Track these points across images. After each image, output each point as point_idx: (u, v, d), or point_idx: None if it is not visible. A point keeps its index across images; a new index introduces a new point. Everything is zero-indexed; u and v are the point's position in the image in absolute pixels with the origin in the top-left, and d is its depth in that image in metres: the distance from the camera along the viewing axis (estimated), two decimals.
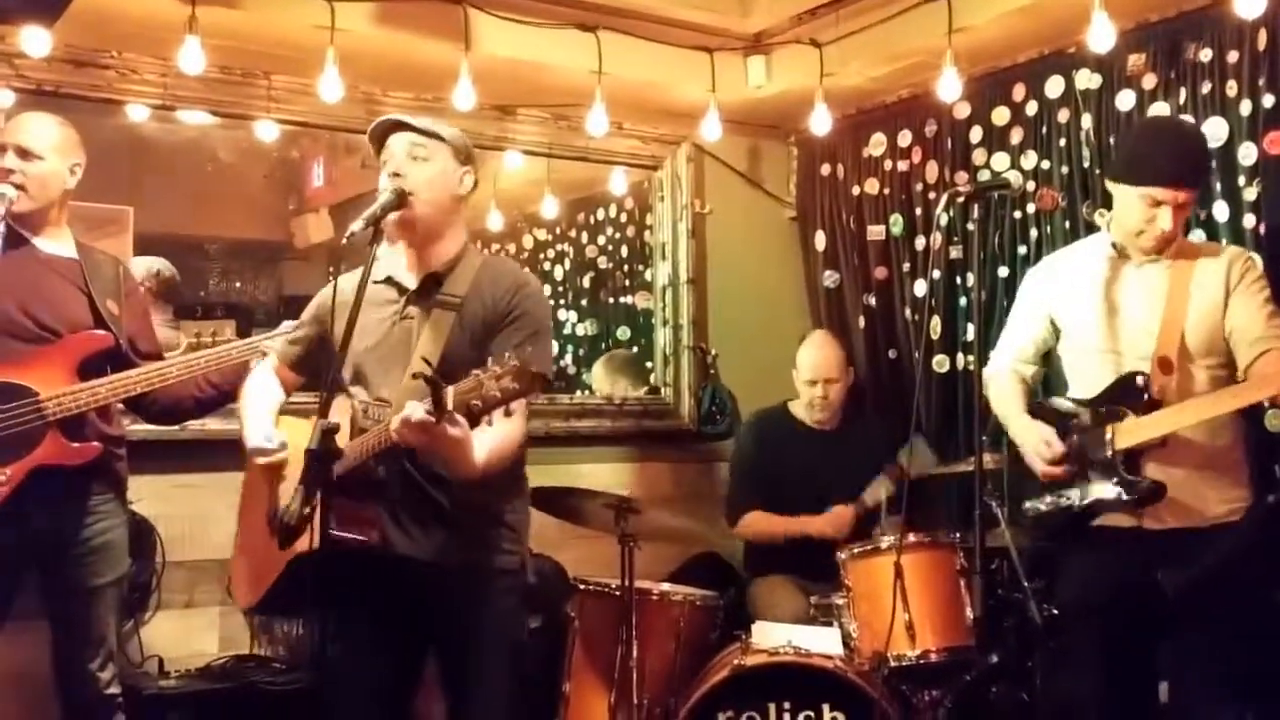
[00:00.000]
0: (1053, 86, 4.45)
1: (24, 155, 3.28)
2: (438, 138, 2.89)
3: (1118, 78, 4.24)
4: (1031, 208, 4.55)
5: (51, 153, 3.32)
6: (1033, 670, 3.65)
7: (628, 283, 5.93)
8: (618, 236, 6.00)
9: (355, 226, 2.69)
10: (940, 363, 4.90)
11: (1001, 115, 4.67)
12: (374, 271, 2.96)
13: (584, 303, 6.13)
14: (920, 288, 5.00)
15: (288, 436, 2.93)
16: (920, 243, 5.04)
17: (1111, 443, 3.23)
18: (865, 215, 5.27)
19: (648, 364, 5.57)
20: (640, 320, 5.74)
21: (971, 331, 4.52)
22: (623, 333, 5.91)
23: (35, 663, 3.47)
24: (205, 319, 5.24)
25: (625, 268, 5.96)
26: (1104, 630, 3.30)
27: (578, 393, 5.49)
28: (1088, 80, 4.33)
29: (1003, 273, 4.63)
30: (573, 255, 6.24)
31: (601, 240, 6.09)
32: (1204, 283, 3.28)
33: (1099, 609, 3.30)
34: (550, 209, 5.79)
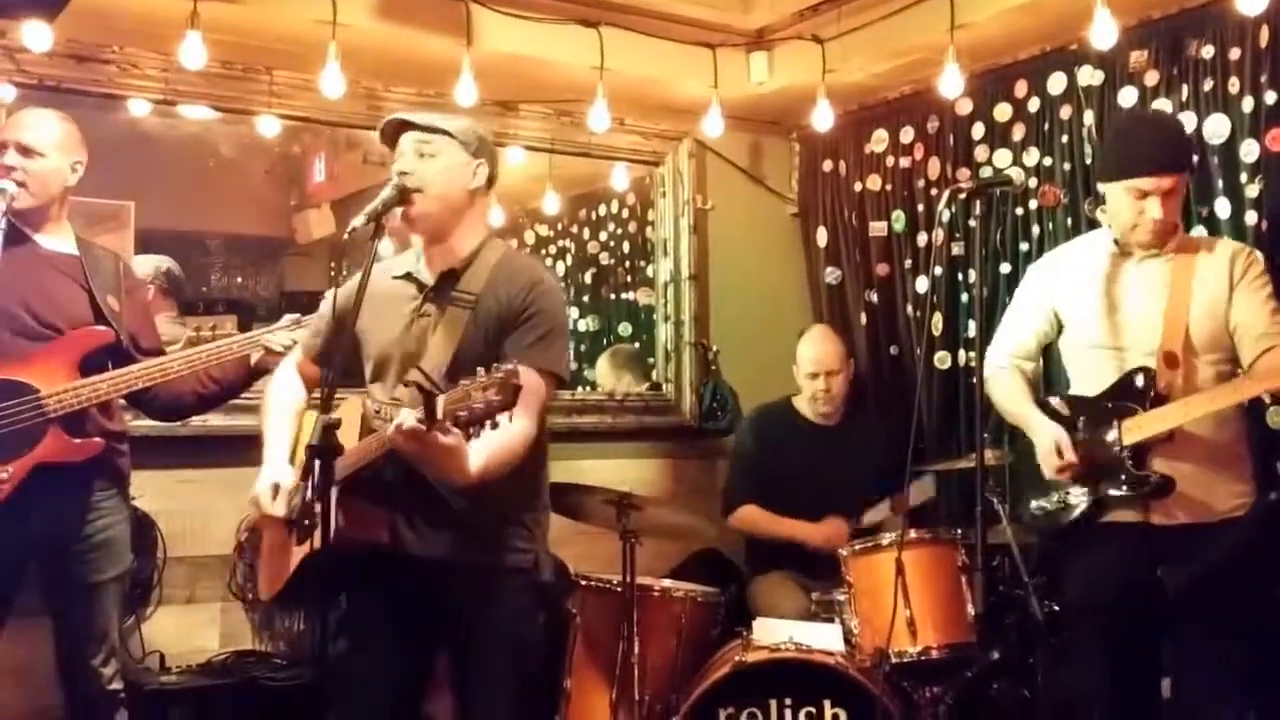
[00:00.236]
0: (1055, 83, 4.45)
1: (25, 152, 3.27)
2: (443, 133, 2.87)
3: (1120, 74, 4.24)
4: (1033, 204, 4.55)
5: (53, 150, 3.31)
6: (1034, 667, 3.65)
7: (629, 279, 5.92)
8: (619, 232, 6.00)
9: (357, 222, 2.69)
10: (942, 359, 4.90)
11: (1004, 112, 4.67)
12: (395, 267, 2.98)
13: (585, 299, 6.12)
14: (922, 284, 4.99)
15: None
16: (922, 239, 5.03)
17: (1119, 438, 3.23)
18: (867, 211, 5.27)
19: (650, 360, 5.58)
20: (642, 316, 5.74)
21: (973, 328, 4.52)
22: (624, 329, 5.90)
23: (38, 658, 3.47)
24: (206, 314, 5.24)
25: (627, 264, 5.96)
26: (1109, 627, 3.31)
27: (579, 389, 5.49)
28: (1090, 77, 4.33)
29: (1004, 269, 4.63)
30: (574, 251, 6.23)
31: (603, 236, 6.08)
32: (1206, 277, 3.28)
33: (1104, 605, 3.30)
34: (552, 205, 5.77)
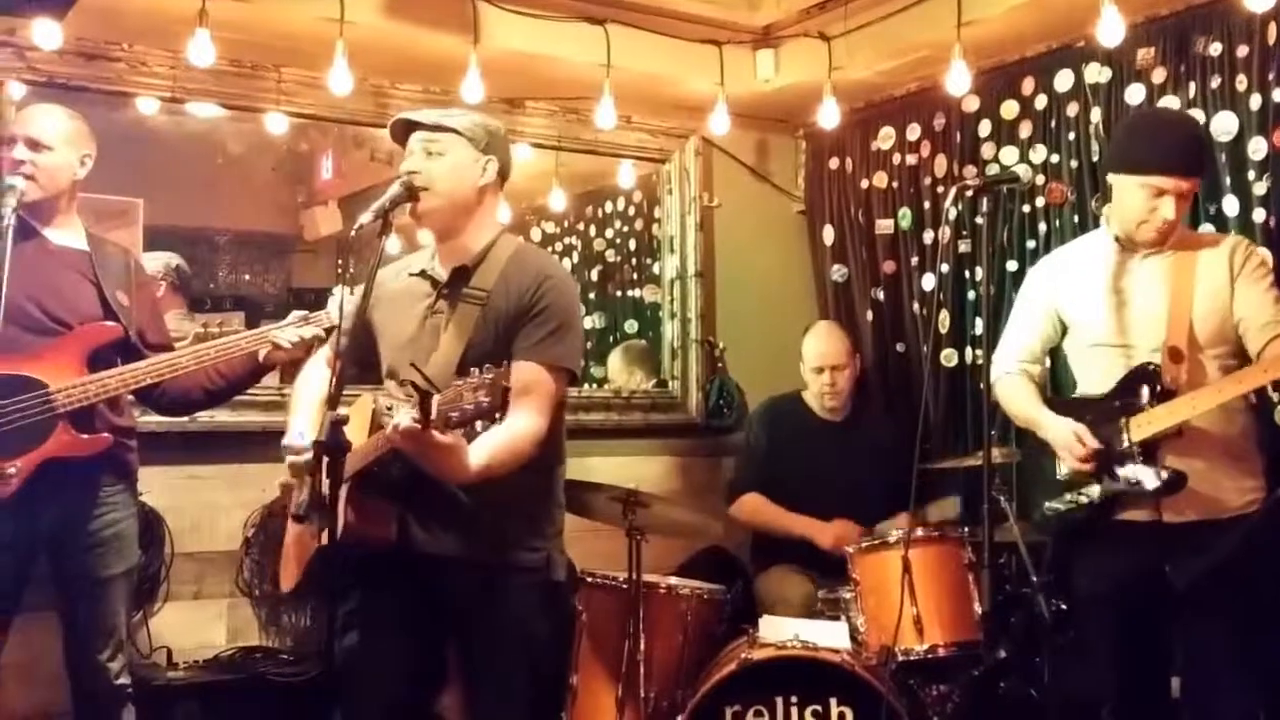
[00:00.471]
0: (1062, 80, 4.44)
1: (34, 146, 3.28)
2: (450, 131, 2.88)
3: (1127, 71, 4.24)
4: (1040, 202, 4.54)
5: (61, 143, 3.32)
6: (1041, 665, 3.65)
7: (636, 276, 5.92)
8: (626, 230, 6.00)
9: (364, 219, 2.70)
10: (948, 357, 4.89)
11: (1010, 109, 4.66)
12: (411, 264, 2.99)
13: (592, 296, 6.11)
14: (929, 282, 4.99)
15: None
16: (929, 237, 5.03)
17: (1128, 435, 3.23)
18: (874, 209, 5.26)
19: (658, 357, 5.57)
20: (648, 313, 5.73)
21: (980, 325, 4.51)
22: (630, 326, 5.90)
23: (46, 653, 3.48)
24: (214, 311, 5.26)
25: (633, 261, 5.96)
26: (1118, 624, 3.31)
27: (585, 386, 5.49)
28: (1097, 74, 4.32)
29: (1011, 267, 4.62)
30: (581, 248, 6.23)
31: (610, 233, 6.08)
32: (1208, 273, 3.27)
33: (1115, 603, 3.30)
34: (558, 202, 5.78)
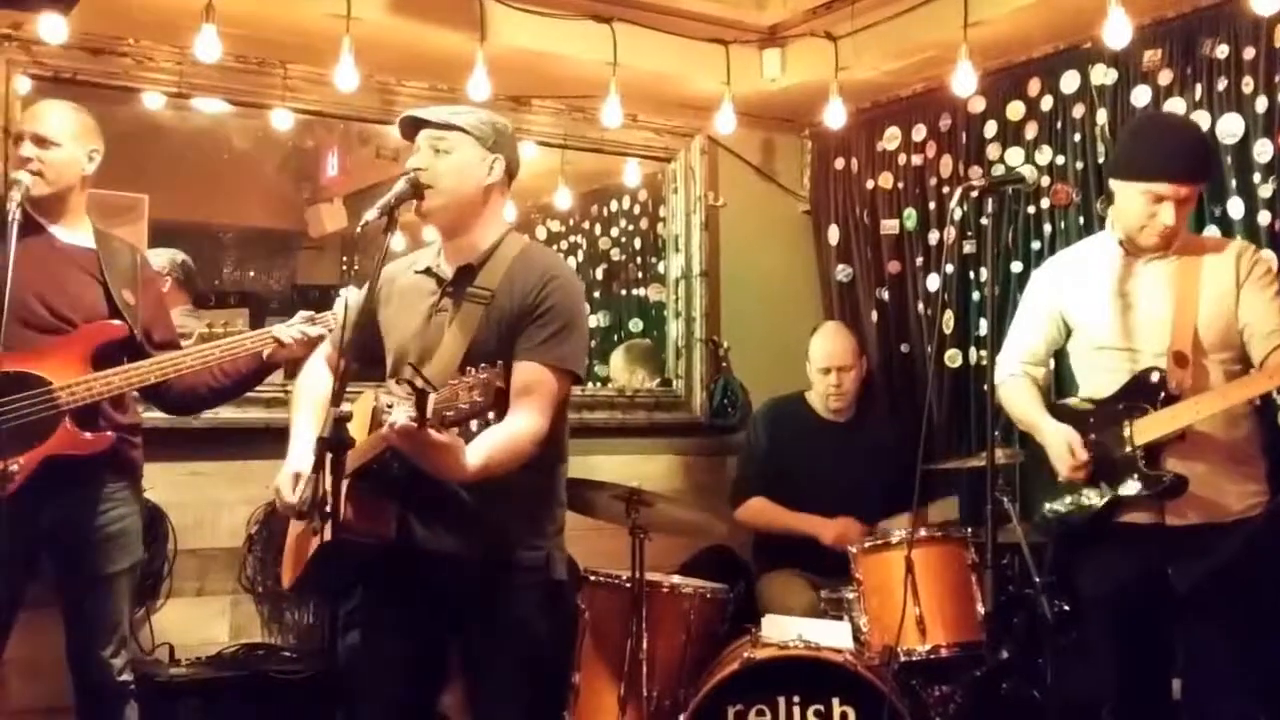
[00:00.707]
0: (1068, 81, 4.44)
1: (41, 143, 3.29)
2: (458, 129, 2.87)
3: (1133, 73, 4.23)
4: (1046, 203, 4.53)
5: (68, 139, 3.32)
6: (1043, 666, 3.65)
7: (640, 275, 5.93)
8: (631, 228, 6.01)
9: (369, 215, 2.69)
10: (953, 357, 4.89)
11: (1016, 110, 4.66)
12: (417, 261, 3.00)
13: (597, 294, 6.12)
14: (933, 282, 4.99)
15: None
16: (934, 237, 5.02)
17: (1131, 439, 3.22)
18: (879, 209, 5.26)
19: (662, 356, 5.56)
20: (653, 312, 5.74)
21: (984, 326, 4.52)
22: (635, 325, 5.90)
23: (49, 650, 3.47)
24: (219, 307, 5.27)
25: (638, 260, 5.96)
26: (1120, 626, 3.30)
27: (590, 385, 5.49)
28: (1103, 75, 4.32)
29: (1016, 268, 4.62)
30: (586, 247, 6.24)
31: (615, 232, 6.09)
32: (1213, 278, 3.27)
33: (1117, 605, 3.30)
34: (564, 200, 5.78)
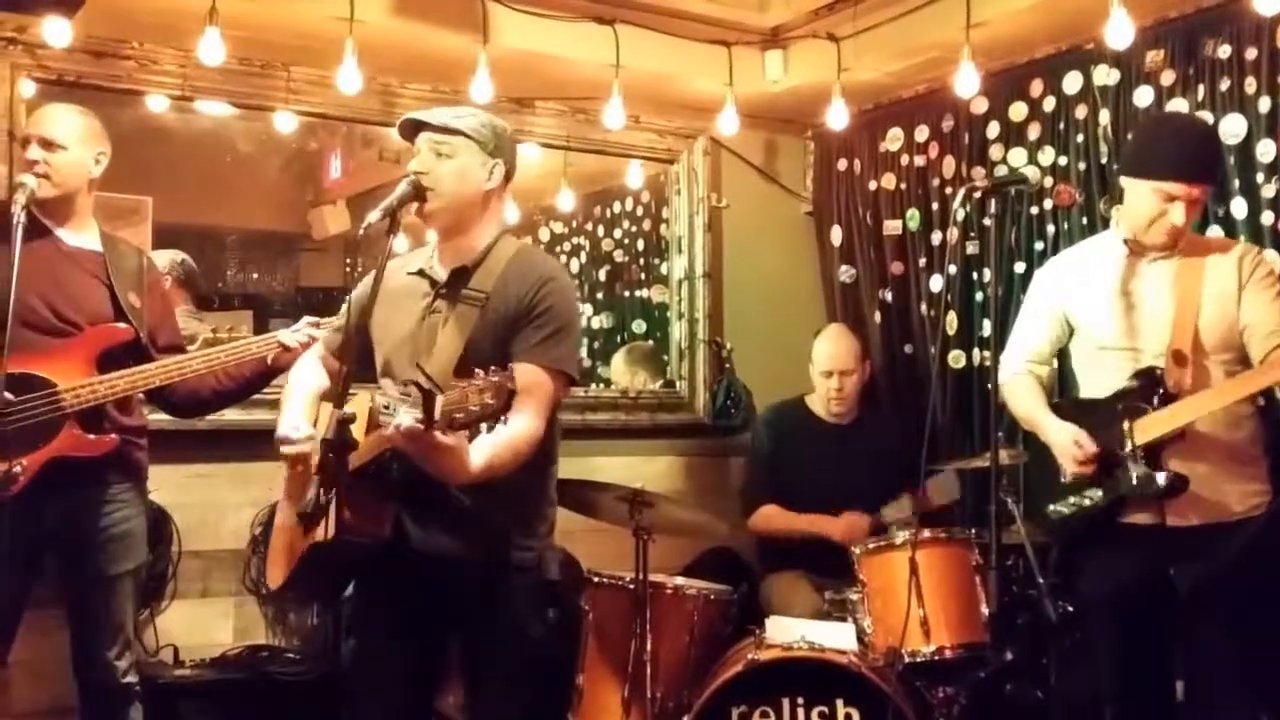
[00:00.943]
0: (1070, 82, 4.44)
1: (47, 146, 3.29)
2: (458, 133, 2.87)
3: (1136, 74, 4.23)
4: (1048, 204, 4.54)
5: (75, 142, 3.33)
6: (1047, 668, 3.64)
7: (643, 276, 5.93)
8: (634, 230, 6.01)
9: (371, 218, 2.70)
10: (956, 358, 4.89)
11: (1019, 111, 4.66)
12: (410, 263, 3.00)
13: (599, 296, 6.13)
14: (936, 283, 4.99)
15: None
16: (937, 238, 5.03)
17: (1131, 438, 3.22)
18: (881, 210, 5.26)
19: (665, 357, 5.57)
20: (656, 314, 5.74)
21: (988, 327, 4.51)
22: (638, 326, 5.91)
23: (52, 651, 3.49)
24: (222, 309, 5.28)
25: (641, 261, 5.97)
26: (1122, 627, 3.30)
27: (592, 386, 5.49)
28: (1106, 76, 4.32)
29: (1019, 268, 4.62)
30: (589, 248, 6.25)
31: (618, 233, 6.09)
32: (1216, 278, 3.27)
33: (1119, 606, 3.30)
34: (567, 202, 5.79)
